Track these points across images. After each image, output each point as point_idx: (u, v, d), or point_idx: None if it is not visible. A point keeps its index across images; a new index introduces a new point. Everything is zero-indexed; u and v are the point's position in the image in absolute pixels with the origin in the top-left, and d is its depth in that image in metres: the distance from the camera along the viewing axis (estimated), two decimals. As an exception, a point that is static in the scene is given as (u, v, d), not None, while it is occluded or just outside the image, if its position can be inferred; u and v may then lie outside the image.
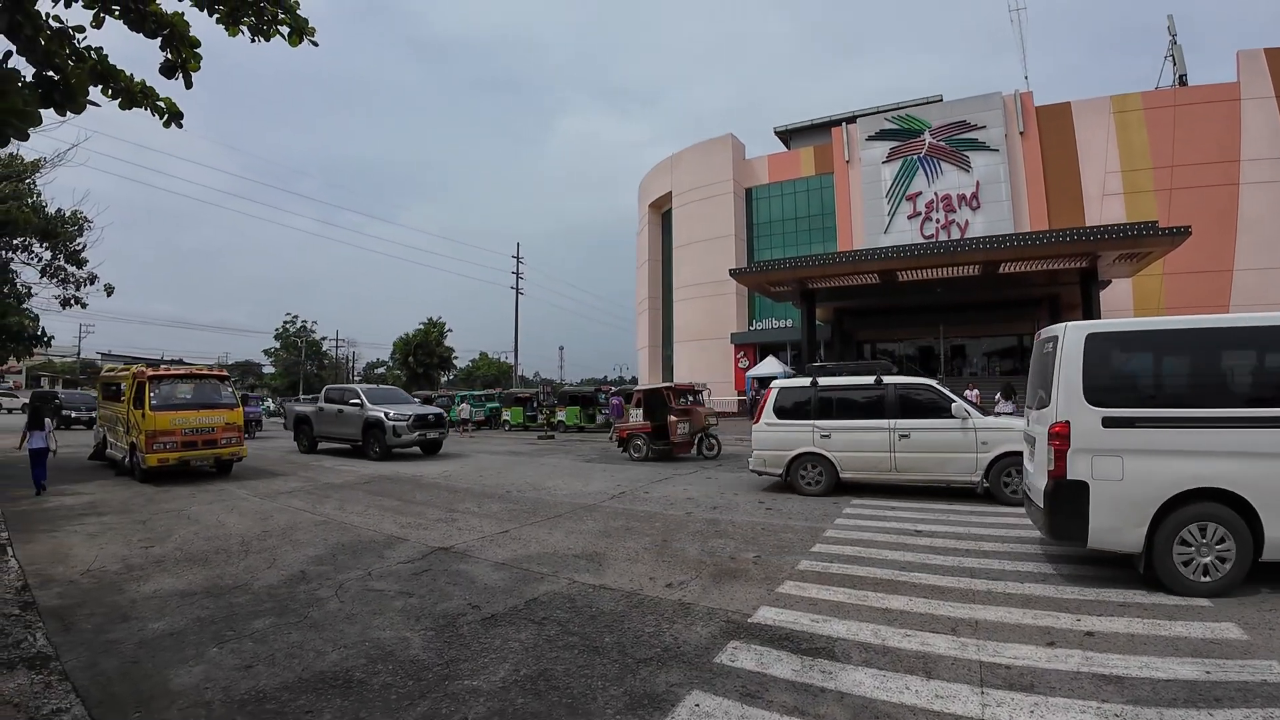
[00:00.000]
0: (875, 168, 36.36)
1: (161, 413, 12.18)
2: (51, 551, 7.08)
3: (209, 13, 4.43)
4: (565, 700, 3.51)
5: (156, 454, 11.93)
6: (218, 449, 12.90)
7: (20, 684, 3.80)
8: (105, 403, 15.29)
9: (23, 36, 3.37)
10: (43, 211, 16.13)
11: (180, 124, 4.88)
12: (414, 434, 16.13)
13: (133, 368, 13.87)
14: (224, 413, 13.13)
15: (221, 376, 14.28)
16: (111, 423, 14.40)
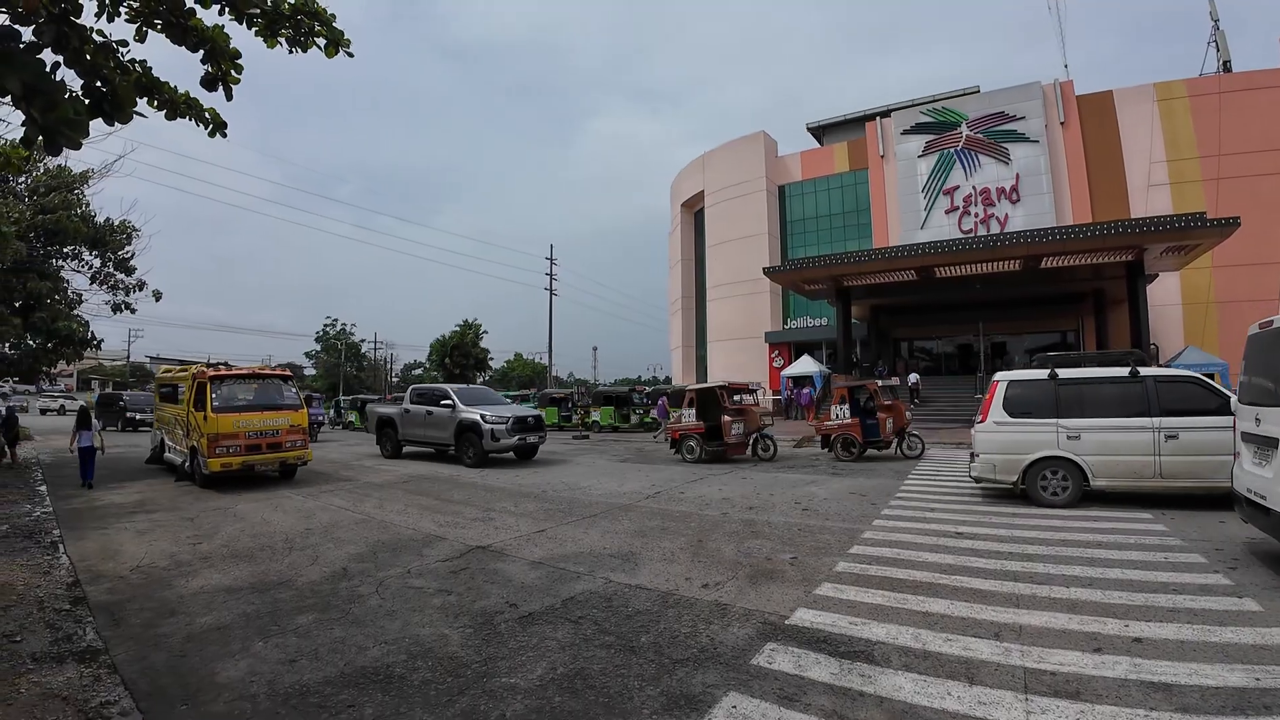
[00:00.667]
0: (911, 162, 35.69)
1: (223, 415, 11.50)
2: (102, 548, 7.35)
3: (248, 25, 4.55)
4: (602, 699, 3.51)
5: (219, 458, 11.27)
6: (282, 452, 12.14)
7: (70, 677, 3.95)
8: (163, 404, 14.70)
9: (69, 48, 3.49)
10: (92, 220, 16.73)
11: (224, 134, 5.05)
12: (513, 438, 14.79)
13: (191, 368, 13.11)
14: (288, 414, 12.38)
15: (284, 376, 13.43)
16: (170, 425, 13.83)
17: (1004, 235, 25.63)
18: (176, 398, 13.49)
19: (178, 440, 13.13)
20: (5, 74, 2.94)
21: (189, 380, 12.57)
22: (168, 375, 14.91)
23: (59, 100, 3.13)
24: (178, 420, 13.05)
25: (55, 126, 3.12)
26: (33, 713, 3.45)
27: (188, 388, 12.53)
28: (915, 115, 36.01)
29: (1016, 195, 32.77)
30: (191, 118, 4.85)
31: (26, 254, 14.73)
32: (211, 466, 11.24)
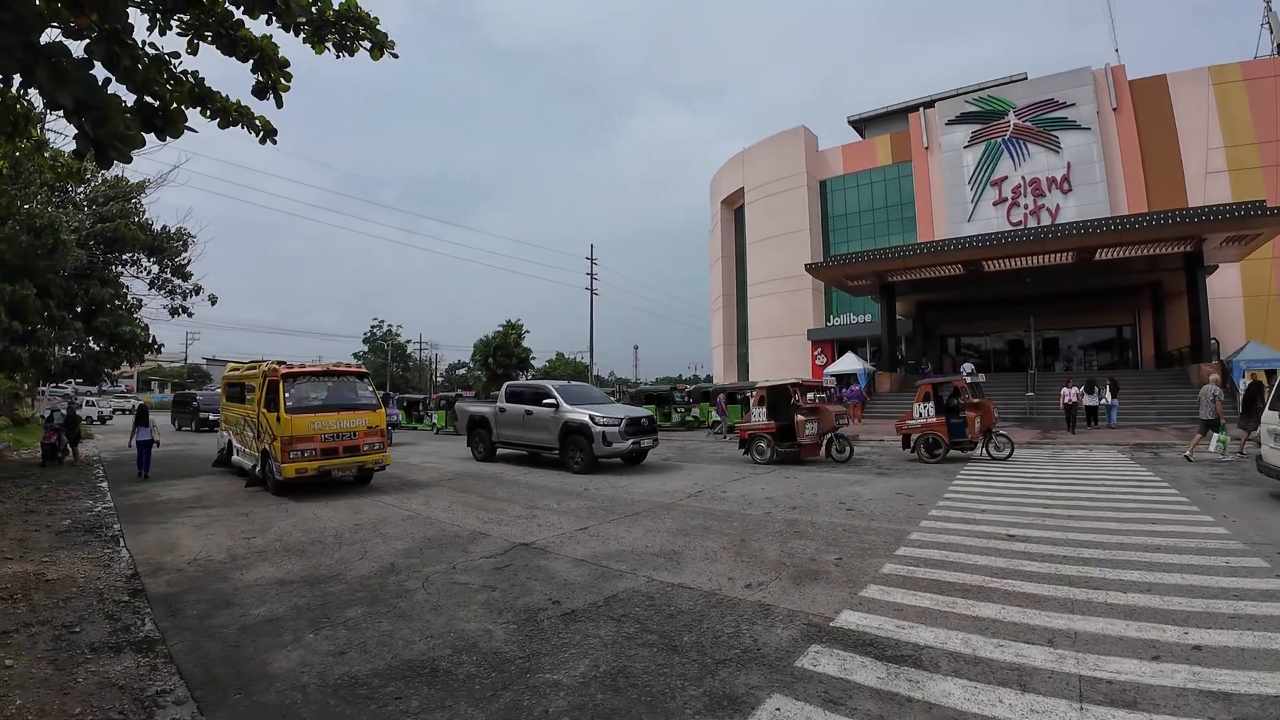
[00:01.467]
0: (956, 153, 34.82)
1: (297, 416, 10.57)
2: (160, 542, 7.64)
3: (295, 33, 4.67)
4: (644, 698, 3.51)
5: (293, 463, 10.35)
6: (360, 456, 11.12)
7: (127, 666, 4.11)
8: (230, 404, 13.99)
9: (121, 65, 3.62)
10: (150, 228, 17.45)
11: (274, 140, 5.22)
12: (626, 442, 13.12)
13: (261, 365, 12.16)
14: (365, 414, 11.37)
15: (359, 373, 12.40)
16: (238, 427, 13.05)
17: (1055, 227, 24.83)
18: (244, 397, 13.00)
19: (247, 442, 12.35)
20: (57, 89, 3.06)
21: (259, 378, 11.79)
22: (235, 374, 14.08)
23: (110, 115, 3.25)
24: (247, 421, 12.32)
25: (107, 140, 3.24)
26: (90, 701, 3.60)
27: (257, 386, 11.77)
28: (960, 105, 35.11)
29: (1068, 185, 31.69)
30: (243, 125, 5.02)
31: (87, 261, 15.44)
32: (286, 473, 10.29)
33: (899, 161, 37.96)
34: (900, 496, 9.57)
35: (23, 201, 12.16)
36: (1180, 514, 7.83)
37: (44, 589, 5.69)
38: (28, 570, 6.25)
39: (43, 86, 3.09)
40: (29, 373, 15.69)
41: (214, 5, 4.40)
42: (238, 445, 13.16)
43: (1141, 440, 16.34)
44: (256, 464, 11.64)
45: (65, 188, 14.88)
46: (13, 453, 18.04)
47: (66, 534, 7.99)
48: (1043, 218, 31.78)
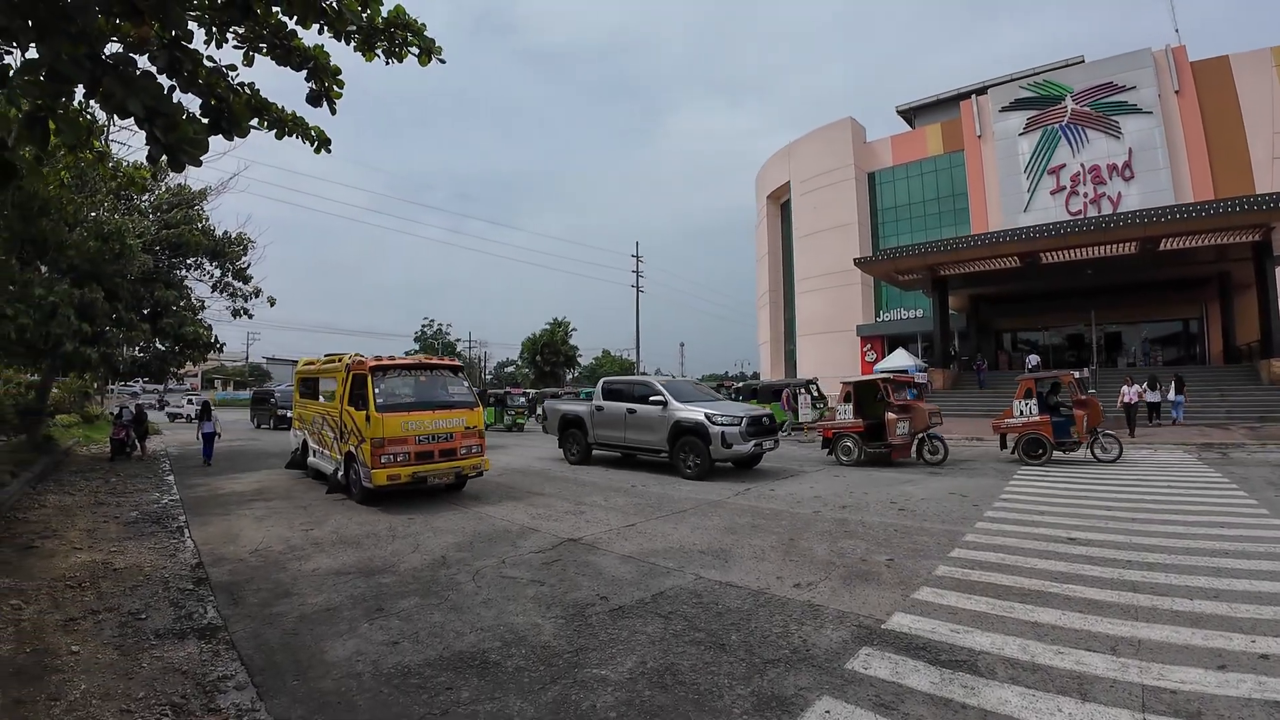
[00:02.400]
0: (1011, 141, 33.63)
1: (390, 415, 9.31)
2: (223, 532, 7.93)
3: (346, 41, 4.80)
4: (692, 696, 3.49)
5: (385, 469, 9.10)
6: (457, 460, 9.82)
7: (190, 652, 4.28)
8: (304, 402, 12.99)
9: (184, 71, 3.75)
10: (212, 234, 18.15)
11: (329, 149, 5.40)
12: (748, 444, 11.73)
13: (344, 357, 10.90)
14: (463, 413, 10.05)
15: (454, 367, 11.15)
16: (315, 426, 11.95)
17: (1117, 216, 23.78)
18: (317, 393, 12.43)
19: (327, 444, 11.15)
20: (127, 97, 3.20)
21: (340, 373, 10.62)
22: (309, 368, 12.96)
23: (179, 120, 3.39)
24: (326, 420, 11.16)
25: (177, 145, 3.38)
26: (153, 686, 3.76)
27: (339, 381, 10.61)
28: (1014, 90, 33.90)
29: (1130, 172, 30.34)
30: (298, 135, 5.20)
31: (153, 265, 16.15)
32: (376, 479, 9.04)
33: (950, 151, 36.90)
34: (954, 497, 9.31)
35: (89, 209, 12.76)
36: (1249, 517, 7.46)
37: (111, 577, 5.97)
38: (96, 559, 6.57)
39: (111, 96, 3.23)
40: (98, 372, 16.45)
41: (268, 17, 4.54)
42: (314, 446, 12.03)
43: (1209, 440, 15.59)
44: (339, 468, 10.43)
45: (130, 196, 15.55)
46: (83, 448, 19.01)
47: (134, 525, 8.37)
48: (1103, 206, 30.49)
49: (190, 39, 3.82)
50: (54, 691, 3.64)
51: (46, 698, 3.56)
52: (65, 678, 3.83)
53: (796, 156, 43.33)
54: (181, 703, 3.54)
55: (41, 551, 6.85)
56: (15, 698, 3.54)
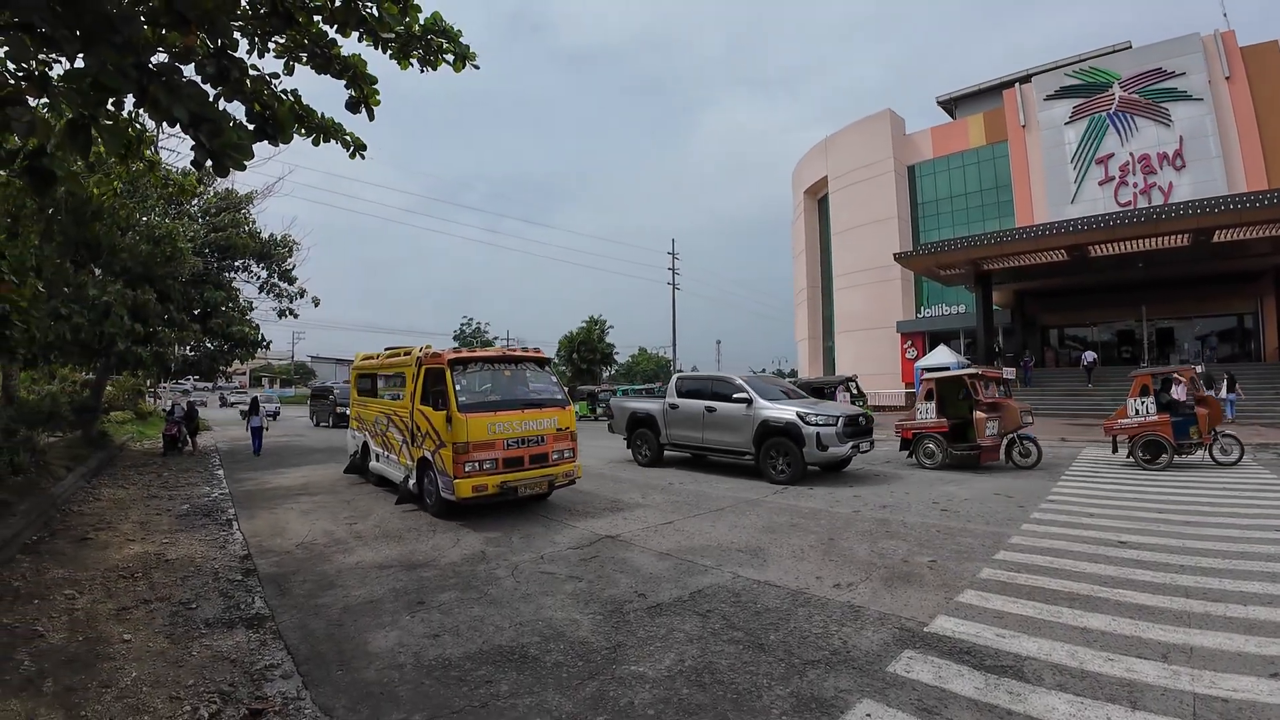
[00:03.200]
0: (1057, 130, 32.49)
1: (474, 416, 8.04)
2: (270, 526, 8.16)
3: (383, 49, 4.91)
4: (730, 695, 3.47)
5: (470, 478, 7.85)
6: (548, 467, 8.55)
7: (239, 641, 4.41)
8: (362, 400, 11.93)
9: (230, 80, 3.86)
10: (258, 237, 18.69)
11: (364, 154, 5.57)
12: (845, 445, 10.79)
13: (413, 350, 9.81)
14: (553, 413, 8.80)
15: (540, 359, 9.69)
16: (378, 427, 10.77)
17: (1168, 207, 22.88)
18: (377, 390, 11.44)
19: (393, 447, 10.05)
20: (173, 104, 3.30)
21: (410, 367, 9.51)
22: (369, 363, 11.74)
23: (224, 127, 3.49)
24: (393, 421, 10.01)
25: (221, 151, 3.48)
26: (202, 673, 3.87)
27: (409, 377, 9.49)
28: (1060, 78, 32.75)
29: (1181, 161, 29.10)
30: (336, 141, 5.35)
31: (203, 268, 16.68)
32: (460, 491, 7.83)
33: (993, 142, 35.80)
34: (999, 497, 9.08)
35: (141, 214, 13.22)
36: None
37: (163, 568, 6.18)
38: (149, 551, 6.81)
39: (158, 104, 3.33)
40: (151, 370, 17.04)
41: (310, 25, 4.66)
42: (376, 449, 10.89)
43: (1265, 440, 14.96)
44: (409, 475, 9.23)
45: (180, 201, 16.08)
46: (136, 444, 19.72)
47: (185, 517, 8.67)
48: (1154, 197, 29.34)
49: (235, 48, 3.94)
50: (105, 679, 3.77)
51: (98, 685, 3.69)
52: (117, 665, 3.97)
53: (834, 150, 42.68)
54: (230, 690, 3.65)
55: (96, 543, 7.12)
56: (67, 685, 3.67)
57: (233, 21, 4.16)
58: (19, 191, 8.17)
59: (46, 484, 9.35)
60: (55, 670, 3.87)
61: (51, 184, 3.61)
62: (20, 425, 10.03)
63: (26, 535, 7.08)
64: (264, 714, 3.38)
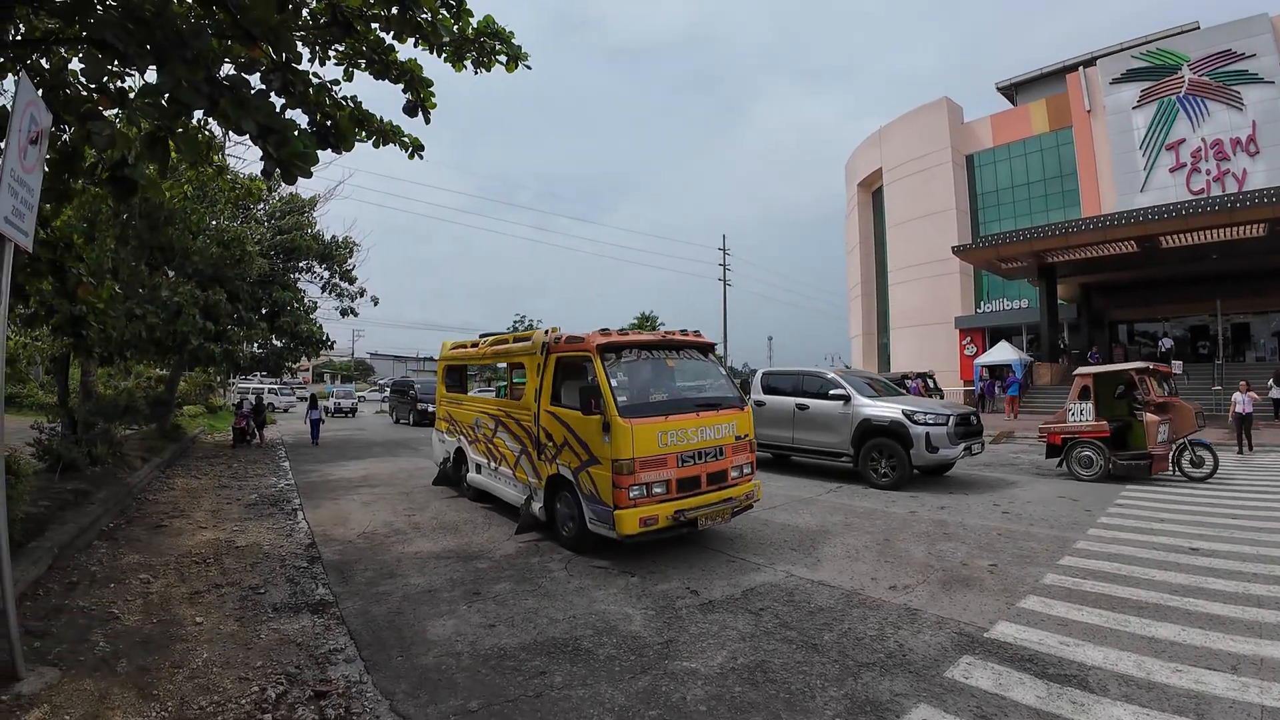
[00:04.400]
0: (1124, 115, 30.88)
1: (641, 422, 5.95)
2: (333, 515, 8.44)
3: (438, 53, 5.05)
4: (783, 695, 3.46)
5: (637, 508, 5.77)
6: (729, 487, 6.46)
7: (304, 625, 4.58)
8: (454, 396, 9.95)
9: (296, 91, 4.02)
10: (321, 239, 19.36)
11: (422, 155, 5.73)
12: (956, 447, 9.86)
13: (536, 333, 7.54)
14: (731, 415, 6.62)
15: (704, 345, 7.32)
16: (480, 431, 8.67)
17: (1243, 195, 21.56)
18: (465, 385, 10.36)
19: (504, 458, 7.94)
20: (242, 116, 3.46)
21: (533, 355, 7.36)
22: (459, 353, 9.82)
23: (290, 137, 3.64)
24: (504, 425, 7.90)
25: (289, 160, 3.64)
26: (270, 655, 4.04)
27: (532, 367, 7.35)
28: (1126, 61, 31.10)
29: (1254, 146, 27.36)
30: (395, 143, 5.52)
31: (269, 269, 17.35)
32: (624, 526, 5.69)
33: (1057, 128, 34.13)
34: (1064, 500, 8.74)
35: (211, 218, 13.82)
36: None
37: (233, 554, 6.45)
38: (220, 538, 7.11)
39: (227, 116, 3.49)
40: (221, 367, 17.82)
41: (368, 33, 4.83)
42: (476, 458, 8.87)
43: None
44: (531, 496, 7.19)
45: (247, 205, 16.76)
46: (207, 436, 20.66)
47: (253, 506, 9.03)
48: (1228, 184, 27.69)
49: (299, 60, 4.10)
50: (178, 659, 3.95)
51: (170, 665, 3.87)
52: (189, 647, 4.15)
53: (888, 141, 41.58)
54: (296, 673, 3.80)
55: (170, 530, 7.46)
56: (141, 665, 3.85)
57: (295, 33, 4.33)
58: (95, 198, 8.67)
59: (123, 474, 9.83)
60: (130, 651, 4.05)
61: (133, 192, 3.82)
62: (98, 419, 10.55)
63: (104, 522, 7.44)
64: (328, 696, 3.51)
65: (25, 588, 4.91)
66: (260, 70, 3.86)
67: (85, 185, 6.89)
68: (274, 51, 3.81)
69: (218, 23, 3.85)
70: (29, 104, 3.52)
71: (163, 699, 3.45)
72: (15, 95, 3.46)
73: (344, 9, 4.46)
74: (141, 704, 3.39)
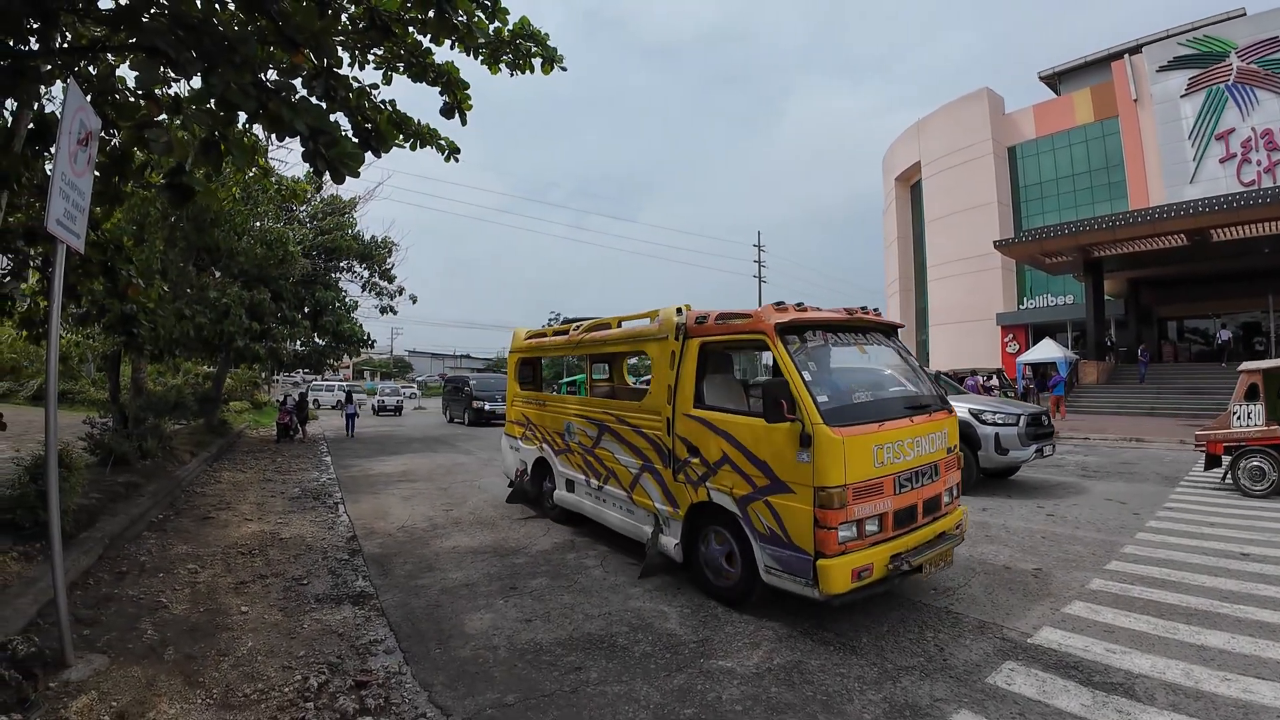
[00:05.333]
0: (1172, 104, 29.83)
1: (852, 431, 4.31)
2: (374, 509, 8.60)
3: (474, 55, 5.12)
4: (819, 696, 3.43)
5: (848, 556, 4.13)
6: (940, 518, 4.94)
7: (345, 616, 4.68)
8: (529, 395, 8.43)
9: (339, 96, 4.12)
10: (361, 239, 19.76)
11: (457, 158, 5.81)
12: (1028, 448, 9.25)
13: (664, 312, 5.81)
14: (942, 421, 5.11)
15: (889, 326, 5.68)
16: (577, 441, 6.98)
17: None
18: (538, 380, 9.15)
19: (616, 477, 6.26)
20: (294, 119, 3.56)
21: (663, 340, 5.65)
22: (538, 343, 8.37)
23: (339, 138, 3.73)
24: (617, 434, 6.23)
25: (338, 160, 3.73)
26: (312, 645, 4.14)
27: (662, 357, 5.64)
28: (1172, 48, 30.03)
29: (1306, 136, 26.29)
30: (432, 146, 5.61)
31: (312, 269, 17.77)
32: (833, 580, 4.07)
33: (1102, 118, 33.14)
34: (1111, 503, 8.47)
35: (255, 219, 14.20)
36: None
37: (277, 546, 6.62)
38: (264, 530, 7.30)
39: (279, 120, 3.59)
40: (265, 364, 18.29)
41: (405, 37, 4.91)
42: (571, 474, 7.13)
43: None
44: (662, 528, 5.62)
45: (290, 206, 17.18)
46: (253, 431, 21.24)
47: (297, 500, 9.25)
48: (1279, 175, 26.65)
49: (340, 65, 4.20)
50: (223, 648, 4.07)
51: (216, 653, 3.98)
52: (234, 635, 4.27)
53: (927, 134, 40.80)
54: (337, 662, 3.89)
55: (216, 522, 7.68)
56: (188, 653, 3.98)
57: (335, 38, 4.43)
58: (144, 200, 8.97)
59: (172, 467, 10.18)
60: (177, 639, 4.18)
61: (190, 198, 3.95)
62: (149, 414, 10.91)
63: (153, 514, 7.70)
64: (368, 686, 3.59)
65: (76, 577, 5.10)
66: (303, 75, 3.96)
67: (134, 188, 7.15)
68: (315, 57, 3.90)
69: (261, 30, 3.96)
70: (78, 109, 3.66)
71: (208, 686, 3.55)
72: (64, 101, 3.59)
73: (382, 13, 4.54)
74: (188, 691, 3.49)
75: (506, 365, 8.43)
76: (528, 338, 8.64)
